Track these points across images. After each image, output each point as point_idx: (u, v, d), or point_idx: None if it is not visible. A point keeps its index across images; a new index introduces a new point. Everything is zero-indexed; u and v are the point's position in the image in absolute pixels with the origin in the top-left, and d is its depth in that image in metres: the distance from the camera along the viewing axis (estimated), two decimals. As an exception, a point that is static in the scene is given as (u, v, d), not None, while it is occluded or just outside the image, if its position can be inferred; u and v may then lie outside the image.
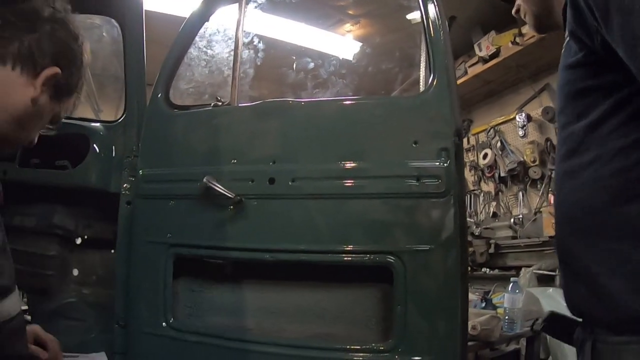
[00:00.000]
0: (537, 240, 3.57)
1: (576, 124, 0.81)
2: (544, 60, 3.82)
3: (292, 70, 3.09)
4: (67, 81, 0.98)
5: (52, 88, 0.95)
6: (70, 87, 1.00)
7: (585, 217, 0.79)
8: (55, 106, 0.99)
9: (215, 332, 1.49)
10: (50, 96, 0.96)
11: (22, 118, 0.93)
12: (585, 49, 0.78)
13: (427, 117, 1.39)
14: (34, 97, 0.92)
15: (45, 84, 0.93)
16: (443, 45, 1.46)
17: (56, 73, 0.94)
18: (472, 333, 2.04)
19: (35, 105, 0.93)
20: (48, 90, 0.95)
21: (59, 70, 0.94)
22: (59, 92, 0.97)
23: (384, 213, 1.37)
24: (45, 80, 0.93)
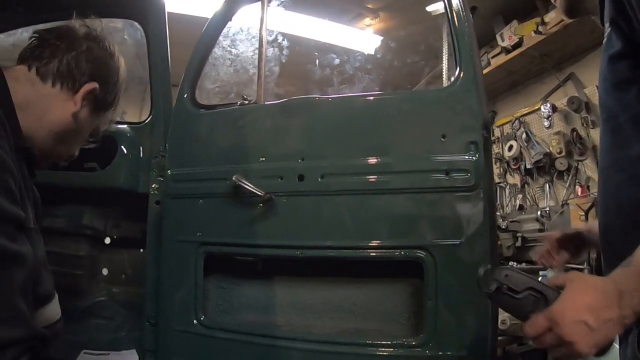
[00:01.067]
0: (565, 233, 3.51)
1: (621, 116, 0.79)
2: (567, 48, 3.74)
3: (315, 67, 3.09)
4: (105, 96, 1.02)
5: (91, 103, 1.00)
6: (108, 101, 1.04)
7: (636, 211, 0.77)
8: (95, 120, 1.04)
9: (245, 328, 1.50)
10: (90, 111, 1.01)
11: (63, 133, 0.98)
12: (627, 39, 0.76)
13: (455, 111, 1.38)
14: (74, 112, 0.97)
15: (84, 99, 0.98)
16: (468, 37, 1.44)
17: (94, 88, 0.99)
18: (502, 328, 2.02)
19: (76, 120, 0.98)
20: (88, 105, 1.00)
21: (97, 86, 0.99)
22: (98, 107, 1.02)
23: (413, 208, 1.36)
24: (84, 95, 0.98)
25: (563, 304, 0.75)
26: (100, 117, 1.05)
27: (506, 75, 4.17)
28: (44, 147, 0.96)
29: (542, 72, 4.11)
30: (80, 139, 1.04)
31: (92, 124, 1.04)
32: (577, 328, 0.72)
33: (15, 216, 0.75)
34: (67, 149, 1.02)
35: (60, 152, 1.01)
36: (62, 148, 1.00)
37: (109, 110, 1.07)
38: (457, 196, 1.33)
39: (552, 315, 0.75)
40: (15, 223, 0.75)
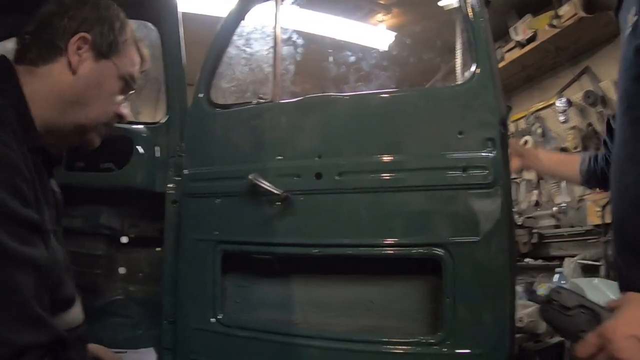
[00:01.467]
0: (581, 229, 3.48)
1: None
2: (582, 42, 3.70)
3: (330, 64, 3.08)
4: (103, 38, 0.97)
5: (90, 52, 0.95)
6: (110, 41, 0.98)
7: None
8: (106, 65, 0.97)
9: (263, 326, 1.51)
10: (94, 60, 0.95)
11: (78, 95, 0.94)
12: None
13: (472, 107, 1.37)
14: (73, 69, 0.93)
15: (78, 54, 0.94)
16: (483, 31, 1.43)
17: (81, 37, 0.94)
18: (519, 325, 2.01)
19: (81, 77, 0.94)
20: (89, 57, 0.95)
21: (85, 34, 0.94)
22: (101, 51, 0.96)
23: (430, 205, 1.35)
24: (74, 50, 0.93)
25: (616, 321, 0.73)
26: (117, 61, 0.99)
27: (521, 69, 4.13)
28: (70, 119, 0.93)
29: (556, 66, 4.07)
30: (103, 92, 0.98)
31: (107, 72, 0.98)
32: (629, 343, 0.69)
33: (27, 218, 0.74)
34: (97, 110, 0.97)
35: (90, 116, 0.96)
36: (91, 110, 0.96)
37: (122, 49, 1.00)
38: (475, 193, 1.32)
39: (603, 331, 0.72)
40: (28, 225, 0.74)
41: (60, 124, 0.93)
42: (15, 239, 0.69)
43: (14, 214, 0.71)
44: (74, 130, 0.96)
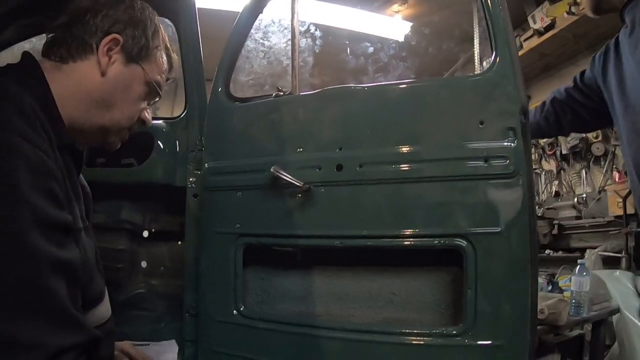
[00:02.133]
0: (602, 221, 3.44)
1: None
2: (601, 29, 3.63)
3: (348, 56, 3.07)
4: (135, 41, 0.96)
5: (121, 55, 0.95)
6: (141, 46, 0.97)
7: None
8: (135, 70, 0.97)
9: (284, 318, 1.52)
10: (123, 63, 0.95)
11: (104, 96, 0.93)
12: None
13: (492, 96, 1.35)
14: (102, 70, 0.93)
15: (109, 55, 0.94)
16: (502, 20, 1.41)
17: (113, 38, 0.94)
18: (540, 317, 1.99)
19: (109, 78, 0.94)
20: (118, 59, 0.95)
21: (117, 36, 0.94)
22: (131, 55, 0.96)
23: (451, 196, 1.34)
24: (105, 51, 0.93)
25: None
26: (146, 66, 0.99)
27: (539, 58, 4.09)
28: (104, 122, 0.94)
29: (576, 54, 4.01)
30: (132, 95, 0.98)
31: (136, 77, 0.98)
32: None
33: (61, 221, 0.75)
34: (121, 113, 0.97)
35: (115, 117, 0.96)
36: (115, 113, 0.96)
37: (153, 54, 1.00)
38: (497, 183, 1.31)
39: None
40: (62, 228, 0.75)
41: (84, 123, 0.93)
42: (52, 243, 0.70)
43: (50, 219, 0.72)
44: (97, 131, 0.96)
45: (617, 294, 2.62)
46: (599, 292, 2.53)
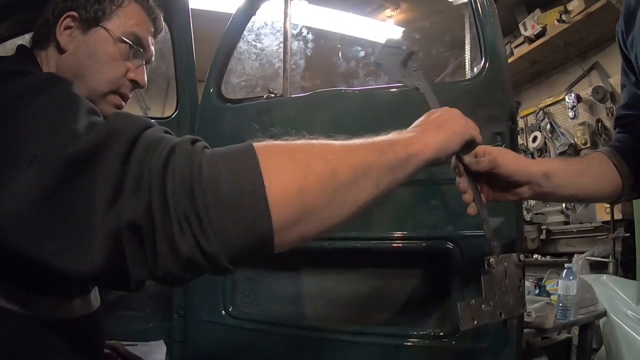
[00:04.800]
0: (590, 226, 3.47)
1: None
2: (592, 37, 3.68)
3: (340, 60, 3.09)
4: (88, 8, 0.95)
5: (79, 28, 0.94)
6: (95, 9, 0.95)
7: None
8: (96, 33, 0.95)
9: (273, 319, 1.52)
10: (82, 32, 0.94)
11: (72, 70, 0.92)
12: None
13: (481, 102, 1.37)
14: (62, 48, 0.93)
15: (66, 33, 0.94)
16: (493, 26, 1.42)
17: (68, 16, 0.94)
18: (527, 320, 2.02)
19: (68, 52, 0.93)
20: (77, 31, 0.94)
21: (72, 13, 0.94)
22: (87, 22, 0.95)
23: (438, 199, 1.36)
24: (62, 31, 0.93)
25: None
26: (109, 25, 0.96)
27: (530, 65, 4.13)
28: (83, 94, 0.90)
29: (566, 62, 4.06)
30: (100, 59, 0.94)
31: (100, 39, 0.95)
32: None
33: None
34: (96, 78, 0.94)
35: (94, 85, 0.94)
36: (90, 81, 0.93)
37: (114, 11, 0.97)
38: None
39: None
40: None
41: (85, 93, 0.91)
42: None
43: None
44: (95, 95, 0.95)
45: (604, 298, 2.66)
46: (585, 296, 2.56)
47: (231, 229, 0.54)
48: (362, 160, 0.65)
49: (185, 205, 0.54)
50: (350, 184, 0.63)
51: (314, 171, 0.59)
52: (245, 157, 0.58)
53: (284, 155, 0.60)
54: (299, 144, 0.64)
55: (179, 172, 0.55)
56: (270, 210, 0.55)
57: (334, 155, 0.63)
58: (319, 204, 0.60)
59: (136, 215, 0.54)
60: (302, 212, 0.59)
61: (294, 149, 0.62)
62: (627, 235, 3.18)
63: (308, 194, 0.58)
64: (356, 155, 0.66)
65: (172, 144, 0.58)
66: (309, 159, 0.60)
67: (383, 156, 0.69)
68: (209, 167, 0.56)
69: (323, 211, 0.61)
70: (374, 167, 0.66)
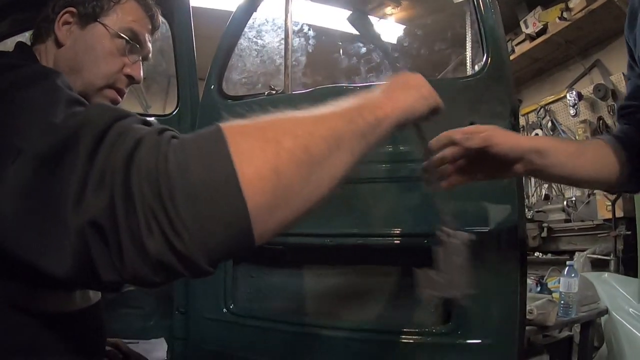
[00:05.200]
0: (591, 224, 3.47)
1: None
2: (593, 35, 3.68)
3: (341, 56, 3.08)
4: (87, 4, 0.97)
5: (77, 23, 0.96)
6: (94, 5, 0.97)
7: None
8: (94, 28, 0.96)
9: (274, 316, 1.52)
10: (80, 27, 0.96)
11: (69, 64, 0.94)
12: None
13: (483, 98, 1.36)
14: (60, 42, 0.94)
15: (65, 27, 0.95)
16: (494, 23, 1.42)
17: (67, 12, 0.96)
18: (529, 317, 2.01)
19: (66, 45, 0.95)
20: (75, 26, 0.96)
21: (71, 9, 0.96)
22: (85, 17, 0.96)
23: (441, 195, 1.35)
24: (60, 26, 0.95)
25: None
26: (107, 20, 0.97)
27: (531, 62, 4.12)
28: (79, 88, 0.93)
29: (567, 60, 4.05)
30: (97, 54, 0.96)
31: (97, 35, 0.97)
32: None
33: None
34: (92, 72, 0.95)
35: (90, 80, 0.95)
36: (86, 75, 0.95)
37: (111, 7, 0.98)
38: (486, 183, 1.31)
39: None
40: None
41: (78, 88, 0.93)
42: None
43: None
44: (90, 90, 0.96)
45: (606, 296, 2.65)
46: (587, 293, 2.56)
47: (206, 226, 0.50)
48: (332, 131, 0.62)
49: (152, 202, 0.50)
50: (324, 157, 0.59)
51: (286, 149, 0.55)
52: (214, 143, 0.54)
53: (254, 136, 0.56)
54: (269, 120, 0.59)
55: (144, 165, 0.51)
56: (245, 200, 0.51)
57: (304, 129, 0.59)
58: (296, 184, 0.56)
59: (97, 214, 0.51)
60: (280, 196, 0.54)
61: (263, 127, 0.58)
62: (629, 233, 3.17)
63: (283, 174, 0.54)
64: (326, 126, 0.62)
65: (139, 136, 0.54)
66: (280, 137, 0.56)
67: (352, 124, 0.66)
68: (175, 158, 0.52)
69: (301, 191, 0.57)
70: (345, 136, 0.63)
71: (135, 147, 0.53)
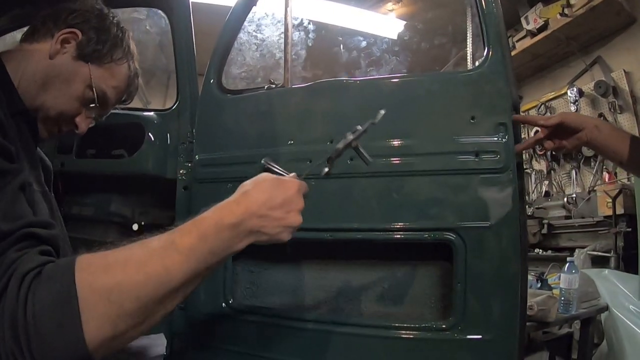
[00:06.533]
0: (592, 220, 3.47)
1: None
2: (594, 31, 3.67)
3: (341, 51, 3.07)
4: (91, 44, 0.99)
5: (74, 49, 0.98)
6: (96, 49, 1.00)
7: None
8: (82, 70, 0.99)
9: (274, 312, 1.51)
10: (73, 57, 0.98)
11: (45, 79, 0.95)
12: None
13: (484, 92, 1.36)
14: (50, 54, 0.96)
15: (63, 46, 0.97)
16: (496, 17, 1.41)
17: (71, 32, 0.98)
18: (529, 313, 2.00)
19: (54, 63, 0.96)
20: (70, 52, 0.98)
21: (77, 31, 0.98)
22: (83, 53, 0.99)
23: (441, 189, 1.35)
24: (59, 40, 0.97)
25: None
26: (95, 70, 1.00)
27: (532, 59, 4.11)
28: (36, 104, 0.95)
29: (568, 56, 4.04)
30: (67, 90, 0.98)
31: (79, 75, 0.99)
32: None
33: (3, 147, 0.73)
34: (53, 101, 0.96)
35: (47, 105, 0.96)
36: (48, 99, 0.96)
37: (106, 64, 1.02)
38: (487, 178, 1.31)
39: None
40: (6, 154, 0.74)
41: (33, 102, 0.95)
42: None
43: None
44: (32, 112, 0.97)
45: (606, 293, 2.65)
46: (588, 290, 2.56)
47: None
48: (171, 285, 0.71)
49: (13, 346, 0.60)
50: (159, 308, 0.70)
51: (127, 311, 0.66)
52: (67, 304, 0.62)
53: (101, 297, 0.64)
54: (116, 278, 0.67)
55: (7, 317, 0.61)
56: (88, 349, 0.62)
57: (146, 291, 0.68)
58: (132, 329, 0.67)
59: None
60: (116, 340, 0.66)
61: (110, 288, 0.66)
62: (629, 230, 3.17)
63: (120, 329, 0.65)
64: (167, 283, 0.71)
65: (4, 283, 0.63)
66: (122, 300, 0.65)
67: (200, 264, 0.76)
68: (32, 315, 0.61)
69: (135, 331, 0.68)
70: (180, 287, 0.73)
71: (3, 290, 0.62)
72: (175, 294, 0.73)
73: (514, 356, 1.27)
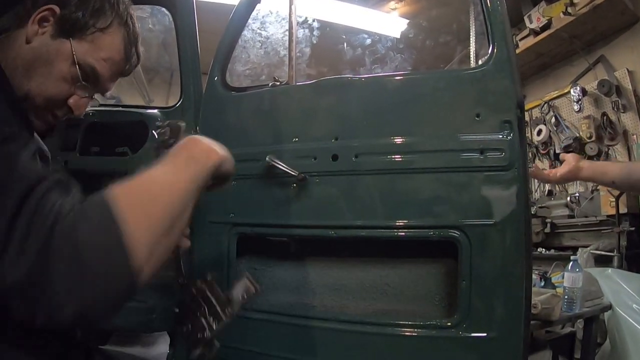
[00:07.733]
0: (595, 220, 3.46)
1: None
2: (597, 30, 3.66)
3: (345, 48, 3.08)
4: (72, 16, 0.91)
5: (54, 26, 0.91)
6: (74, 21, 0.91)
7: None
8: (62, 45, 0.91)
9: (278, 309, 1.51)
10: (51, 35, 0.91)
11: (25, 65, 0.88)
12: None
13: (489, 90, 1.36)
14: (27, 38, 0.89)
15: (40, 24, 0.90)
16: (500, 14, 1.41)
17: (48, 9, 0.90)
18: (533, 312, 1.99)
19: (31, 45, 0.89)
20: (49, 31, 0.91)
21: (54, 7, 0.91)
22: (63, 29, 0.91)
23: (447, 187, 1.35)
24: (36, 20, 0.90)
25: None
26: (78, 45, 0.92)
27: (535, 57, 4.11)
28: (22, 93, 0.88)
29: (571, 55, 4.03)
30: (51, 73, 0.90)
31: (61, 53, 0.91)
32: None
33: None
34: (38, 87, 0.89)
35: (33, 93, 0.89)
36: (33, 86, 0.89)
37: (92, 34, 0.93)
38: (492, 175, 1.31)
39: None
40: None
41: (22, 93, 0.89)
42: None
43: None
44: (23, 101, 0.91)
45: (609, 292, 2.64)
46: (591, 289, 2.55)
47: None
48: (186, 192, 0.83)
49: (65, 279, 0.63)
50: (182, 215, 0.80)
51: (160, 218, 0.74)
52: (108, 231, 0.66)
53: (140, 208, 0.71)
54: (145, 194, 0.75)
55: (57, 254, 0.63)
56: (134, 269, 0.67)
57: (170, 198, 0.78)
58: (164, 240, 0.74)
59: (16, 280, 0.61)
60: (153, 253, 0.70)
61: (143, 200, 0.73)
62: (632, 229, 3.16)
63: (156, 237, 0.71)
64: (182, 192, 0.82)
65: (55, 211, 0.65)
66: (156, 210, 0.74)
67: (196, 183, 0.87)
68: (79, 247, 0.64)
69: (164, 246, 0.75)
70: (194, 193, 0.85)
71: (54, 224, 0.64)
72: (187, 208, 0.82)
73: (518, 354, 1.26)
